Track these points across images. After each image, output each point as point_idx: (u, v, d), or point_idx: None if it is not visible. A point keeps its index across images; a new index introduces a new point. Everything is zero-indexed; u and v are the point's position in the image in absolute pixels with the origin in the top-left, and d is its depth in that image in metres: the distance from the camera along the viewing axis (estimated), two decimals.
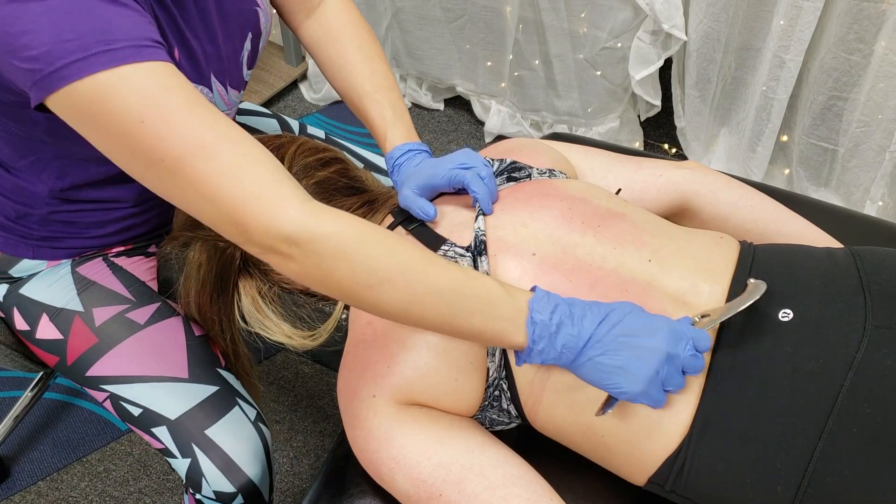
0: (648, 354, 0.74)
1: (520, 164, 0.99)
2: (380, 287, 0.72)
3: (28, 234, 1.03)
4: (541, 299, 0.75)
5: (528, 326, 0.74)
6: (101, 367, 1.01)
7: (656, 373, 0.74)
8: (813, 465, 0.74)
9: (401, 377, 0.84)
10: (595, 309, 0.76)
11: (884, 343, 0.76)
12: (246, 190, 0.71)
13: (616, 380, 0.74)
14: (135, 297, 1.05)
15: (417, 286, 0.73)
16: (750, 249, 0.89)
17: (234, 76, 0.96)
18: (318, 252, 0.71)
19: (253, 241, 0.72)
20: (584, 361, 0.75)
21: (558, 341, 0.74)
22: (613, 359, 0.74)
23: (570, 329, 0.74)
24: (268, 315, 0.97)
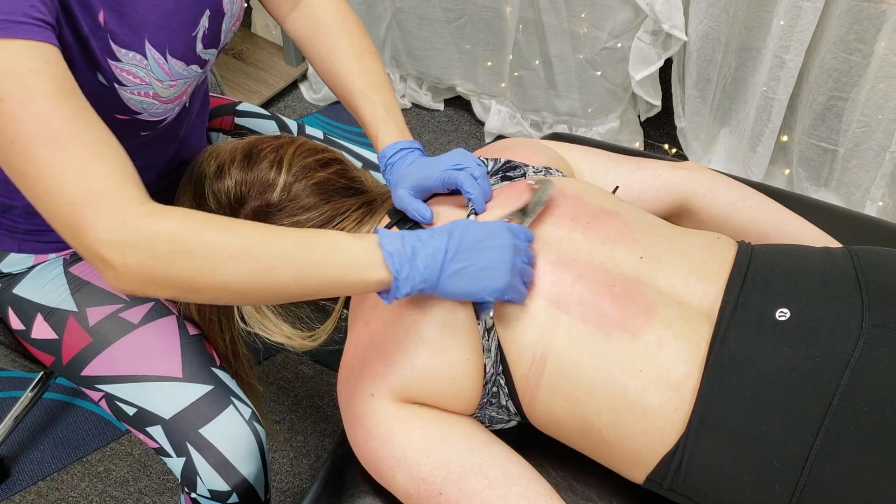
0: (501, 252, 0.80)
1: (515, 163, 0.99)
2: (223, 267, 0.71)
3: (13, 228, 1.03)
4: (386, 234, 0.78)
5: (387, 258, 0.76)
6: (95, 367, 1.01)
7: (512, 265, 0.80)
8: (810, 463, 0.74)
9: (399, 376, 0.84)
10: (436, 231, 0.80)
11: (881, 342, 0.76)
12: (89, 188, 0.69)
13: (483, 283, 0.78)
14: (128, 297, 1.05)
15: (261, 254, 0.72)
16: (747, 250, 0.89)
17: (178, 47, 0.92)
18: (153, 251, 0.69)
19: (85, 246, 0.70)
20: (448, 275, 0.78)
21: (419, 262, 0.76)
22: (474, 263, 0.78)
23: (425, 249, 0.77)
24: (267, 315, 0.97)
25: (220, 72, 2.25)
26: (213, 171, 0.97)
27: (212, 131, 1.26)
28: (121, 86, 0.87)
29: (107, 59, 0.84)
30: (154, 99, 0.91)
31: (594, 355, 0.82)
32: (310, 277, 0.74)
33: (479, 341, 0.85)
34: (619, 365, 0.81)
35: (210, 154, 1.00)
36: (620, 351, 0.81)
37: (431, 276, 0.77)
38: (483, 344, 0.85)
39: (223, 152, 0.99)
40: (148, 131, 0.96)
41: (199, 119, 1.16)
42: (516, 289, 0.81)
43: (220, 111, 1.27)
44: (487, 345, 0.84)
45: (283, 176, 0.95)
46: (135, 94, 0.88)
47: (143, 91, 0.89)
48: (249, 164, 0.96)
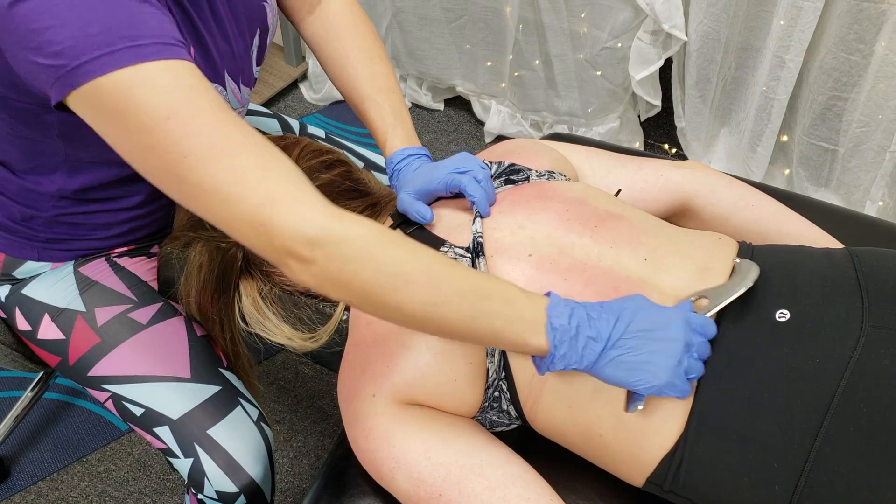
0: (668, 346, 0.75)
1: (518, 167, 0.99)
2: (404, 288, 0.71)
3: (33, 237, 1.03)
4: (557, 304, 0.75)
5: (549, 332, 0.74)
6: (102, 367, 1.01)
7: (678, 363, 0.75)
8: (810, 464, 0.74)
9: (401, 377, 0.84)
10: (607, 309, 0.76)
11: (881, 343, 0.76)
12: (270, 191, 0.69)
13: (641, 376, 0.75)
14: (137, 297, 1.05)
15: (442, 286, 0.72)
16: (748, 250, 0.89)
17: (246, 73, 0.95)
18: (342, 255, 0.69)
19: (274, 244, 0.70)
20: (606, 363, 0.75)
21: (579, 344, 0.74)
22: (636, 356, 0.75)
23: (589, 331, 0.74)
24: (268, 316, 0.97)
25: None
26: None
27: None
28: None
29: None
30: None
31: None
32: (477, 324, 0.73)
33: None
34: None
35: None
36: None
37: (588, 360, 0.75)
38: (486, 349, 0.84)
39: None
40: None
41: None
42: (677, 387, 0.76)
43: None
44: (491, 350, 0.84)
45: None
46: None
47: None
48: None
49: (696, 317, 0.78)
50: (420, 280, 0.71)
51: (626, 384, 0.75)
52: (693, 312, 0.79)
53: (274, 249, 0.70)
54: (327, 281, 0.71)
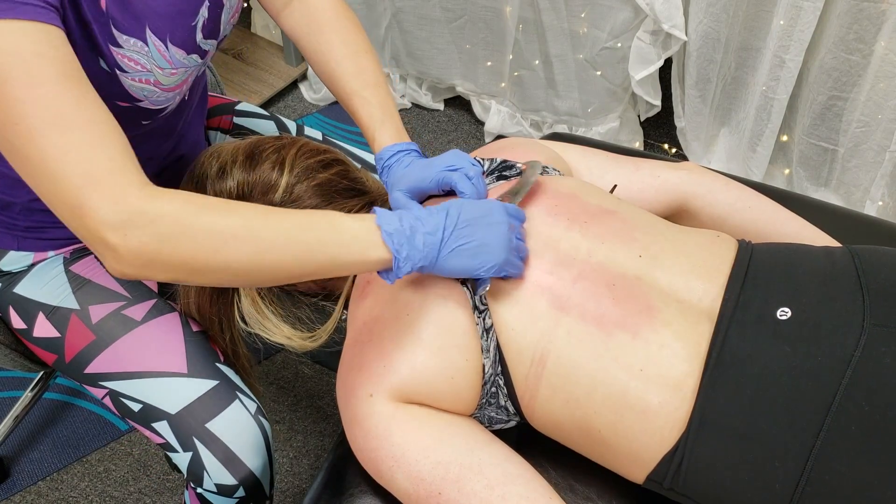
0: (497, 228, 0.82)
1: (510, 163, 0.99)
2: (225, 247, 0.71)
3: (12, 225, 1.03)
4: (384, 214, 0.79)
5: (386, 239, 0.77)
6: (99, 364, 1.01)
7: (509, 241, 0.82)
8: (811, 463, 0.74)
9: (398, 376, 0.84)
10: (431, 210, 0.81)
11: (882, 342, 0.76)
12: (92, 170, 0.69)
13: (481, 258, 0.80)
14: (130, 294, 1.05)
15: (262, 233, 0.73)
16: (748, 248, 0.89)
17: (178, 35, 0.92)
18: (157, 232, 0.69)
19: (89, 229, 0.69)
20: (447, 253, 0.79)
21: (418, 241, 0.78)
22: (472, 242, 0.80)
23: (423, 228, 0.79)
24: (267, 316, 0.97)
25: (220, 72, 2.25)
26: (215, 172, 0.97)
27: (210, 130, 1.26)
28: (122, 72, 0.87)
29: (108, 45, 0.84)
30: (155, 86, 0.91)
31: (595, 355, 0.82)
32: (311, 256, 0.75)
33: (479, 341, 0.85)
34: (619, 364, 0.81)
35: (211, 154, 1.00)
36: (621, 350, 0.81)
37: (431, 254, 0.79)
38: (482, 344, 0.85)
39: (225, 153, 0.99)
40: (148, 121, 0.96)
41: (198, 115, 1.16)
42: (513, 263, 0.83)
43: (219, 110, 1.27)
44: (486, 345, 0.84)
45: (285, 177, 0.95)
46: (136, 81, 0.89)
47: (144, 78, 0.89)
48: (252, 165, 0.96)
49: (509, 206, 0.86)
50: (240, 234, 0.72)
51: (470, 271, 0.81)
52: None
53: (90, 236, 0.70)
54: (147, 263, 0.70)
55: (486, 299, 0.85)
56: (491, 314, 0.85)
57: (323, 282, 1.00)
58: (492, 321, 0.85)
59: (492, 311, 0.85)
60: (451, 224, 0.80)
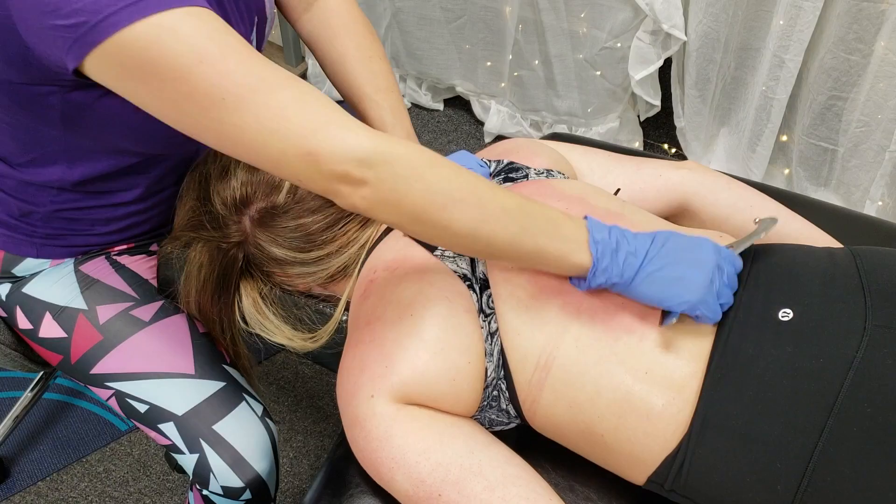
0: (702, 265, 0.79)
1: (517, 165, 0.99)
2: (452, 206, 0.72)
3: (32, 233, 1.03)
4: (596, 223, 0.79)
5: (591, 245, 0.77)
6: (106, 365, 1.01)
7: (711, 281, 0.78)
8: (813, 464, 0.74)
9: (399, 377, 0.84)
10: (641, 233, 0.81)
11: (884, 343, 0.76)
12: (315, 118, 0.70)
13: (676, 290, 0.78)
14: (138, 295, 1.05)
15: (489, 205, 0.74)
16: (750, 249, 0.89)
17: None
18: (394, 173, 0.70)
19: (323, 171, 0.70)
20: (643, 277, 0.78)
21: (619, 257, 0.77)
22: (672, 271, 0.78)
23: (628, 246, 0.78)
24: (268, 317, 0.97)
25: None
26: (218, 172, 0.97)
27: None
28: None
29: None
30: None
31: (601, 359, 0.82)
32: (523, 240, 0.76)
33: (482, 344, 0.85)
34: (625, 367, 0.81)
35: (214, 154, 1.00)
36: (628, 353, 0.81)
37: (627, 273, 0.78)
38: (486, 348, 0.85)
39: None
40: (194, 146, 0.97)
41: None
42: (710, 306, 0.79)
43: None
44: (490, 349, 0.84)
45: None
46: None
47: None
48: None
49: (724, 248, 0.82)
50: (468, 198, 0.73)
51: (661, 300, 0.79)
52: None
53: (323, 177, 0.71)
54: (379, 202, 0.72)
55: (493, 303, 0.85)
56: (497, 318, 0.85)
57: (325, 286, 1.00)
58: (497, 325, 0.85)
59: (498, 315, 0.85)
60: (656, 250, 0.79)
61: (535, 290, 0.85)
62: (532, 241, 0.76)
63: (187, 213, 1.00)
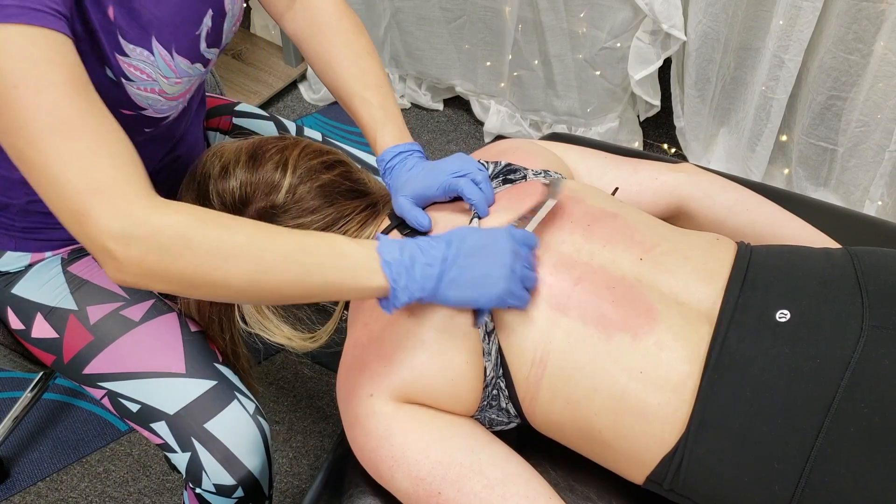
0: (499, 258, 0.80)
1: (515, 166, 0.99)
2: (225, 264, 0.71)
3: (10, 226, 1.03)
4: (385, 242, 0.79)
5: (384, 268, 0.77)
6: (97, 365, 1.02)
7: (511, 271, 0.80)
8: (810, 464, 0.74)
9: (398, 377, 0.84)
10: (435, 239, 0.81)
11: (881, 343, 0.76)
12: (97, 179, 0.70)
13: (481, 290, 0.79)
14: (128, 295, 1.05)
15: (264, 254, 0.73)
16: (746, 250, 0.89)
17: (183, 45, 0.93)
18: (159, 244, 0.70)
19: (91, 237, 0.70)
20: (446, 284, 0.79)
21: (416, 272, 0.77)
22: (472, 272, 0.79)
23: (423, 259, 0.78)
24: (268, 317, 0.97)
25: (220, 72, 2.25)
26: (218, 172, 0.97)
27: (209, 130, 1.27)
28: (128, 81, 0.87)
29: (115, 54, 0.85)
30: (160, 95, 0.91)
31: (595, 357, 0.82)
32: (310, 280, 0.75)
33: (480, 344, 0.85)
34: (619, 366, 0.81)
35: (214, 154, 1.00)
36: (621, 352, 0.81)
37: (429, 285, 0.78)
38: (483, 347, 0.85)
39: (227, 152, 0.99)
40: (151, 128, 0.96)
41: (197, 118, 1.16)
42: (516, 294, 0.81)
43: (219, 111, 1.27)
44: (488, 348, 0.84)
45: (288, 178, 0.95)
46: (141, 90, 0.89)
47: (150, 87, 0.89)
48: (254, 166, 0.96)
49: (518, 231, 0.84)
50: (241, 253, 0.72)
51: (471, 302, 0.80)
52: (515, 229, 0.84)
53: (92, 243, 0.71)
54: (147, 274, 0.71)
55: (490, 325, 0.85)
56: (493, 316, 0.85)
57: None
58: (493, 325, 0.85)
59: (494, 314, 0.85)
60: (452, 254, 0.79)
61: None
62: (321, 278, 0.75)
63: None
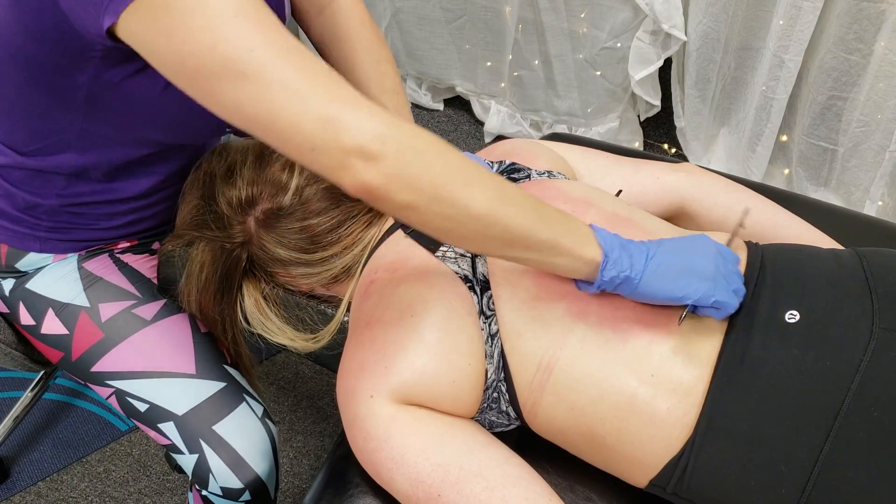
0: (704, 252, 0.80)
1: (518, 166, 0.99)
2: (473, 185, 0.71)
3: (36, 226, 1.03)
4: (598, 227, 0.79)
5: (600, 238, 0.77)
6: (107, 363, 1.01)
7: (716, 266, 0.79)
8: (818, 468, 0.74)
9: (398, 378, 0.84)
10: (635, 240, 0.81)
11: (891, 346, 0.76)
12: (337, 91, 0.69)
13: (686, 279, 0.78)
14: (141, 294, 1.05)
15: (506, 190, 0.74)
16: (757, 251, 0.89)
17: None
18: (413, 147, 0.69)
19: (341, 140, 0.68)
20: (652, 269, 0.78)
21: (626, 252, 0.78)
22: (678, 261, 0.78)
23: (634, 246, 0.79)
24: (270, 317, 0.97)
25: None
26: (224, 172, 0.97)
27: None
28: None
29: None
30: None
31: (606, 363, 0.81)
32: (538, 226, 0.75)
33: (482, 346, 0.84)
34: (630, 370, 0.81)
35: (219, 153, 1.00)
36: (635, 356, 0.81)
37: (637, 266, 0.77)
38: (486, 349, 0.84)
39: (233, 152, 0.99)
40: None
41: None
42: (723, 291, 0.78)
43: None
44: (490, 350, 0.84)
45: (295, 179, 0.95)
46: None
47: None
48: (261, 166, 0.96)
49: (718, 243, 0.83)
50: (486, 180, 0.73)
51: (672, 291, 0.78)
52: None
53: (339, 147, 0.68)
54: (396, 178, 0.69)
55: (493, 305, 0.85)
56: (497, 320, 0.85)
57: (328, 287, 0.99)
58: (497, 327, 0.84)
59: (499, 317, 0.85)
60: (655, 248, 0.79)
61: (538, 292, 0.85)
62: (549, 229, 0.75)
63: (190, 212, 1.00)
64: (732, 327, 0.81)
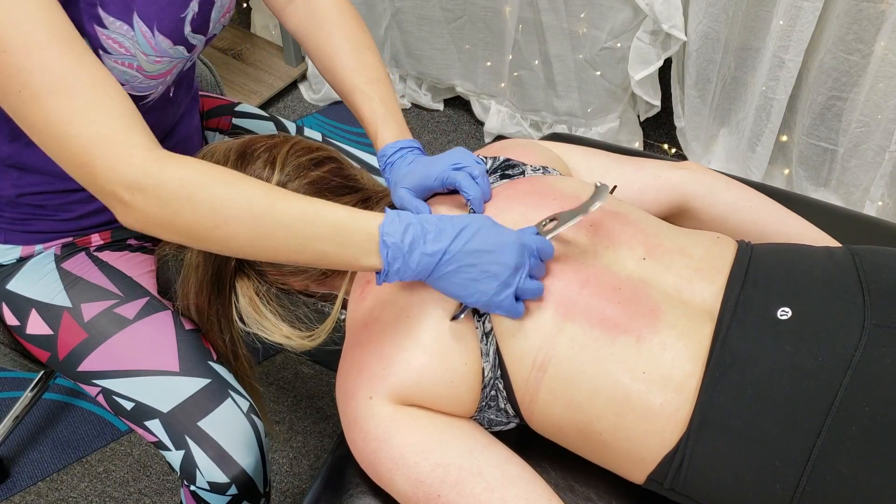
0: (499, 268, 0.79)
1: (513, 162, 0.99)
2: (226, 226, 0.74)
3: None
4: (391, 222, 0.78)
5: (382, 250, 0.77)
6: (91, 362, 1.02)
7: (505, 285, 0.80)
8: (811, 463, 0.74)
9: (397, 378, 0.84)
10: (449, 224, 0.79)
11: (883, 342, 0.76)
12: (95, 133, 0.72)
13: (469, 290, 0.79)
14: (122, 293, 1.05)
15: (264, 219, 0.75)
16: (747, 249, 0.89)
17: (166, 24, 0.92)
18: (160, 196, 0.72)
19: (98, 185, 0.73)
20: (438, 276, 0.79)
21: (412, 260, 0.77)
22: (466, 275, 0.79)
23: (423, 248, 0.78)
24: (265, 316, 0.97)
25: (220, 72, 2.25)
26: None
27: (209, 131, 1.27)
28: (105, 53, 0.88)
29: (93, 25, 0.85)
30: (137, 72, 0.91)
31: (598, 360, 0.82)
32: (306, 250, 0.77)
33: (478, 345, 0.85)
34: (622, 368, 0.81)
35: (204, 155, 1.00)
36: (625, 354, 0.81)
37: (422, 274, 0.79)
38: (481, 348, 0.85)
39: (217, 152, 0.99)
40: None
41: (189, 114, 1.16)
42: (504, 307, 0.81)
43: (218, 111, 1.27)
44: (485, 349, 0.84)
45: (276, 175, 0.95)
46: (118, 64, 0.89)
47: (128, 62, 0.90)
48: (243, 164, 0.96)
49: (535, 239, 0.82)
50: (241, 216, 0.74)
51: (457, 297, 0.81)
52: (536, 235, 0.83)
53: (99, 191, 0.74)
54: (150, 223, 0.74)
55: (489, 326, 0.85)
56: (490, 318, 0.85)
57: (321, 284, 1.00)
58: (491, 325, 0.85)
59: (492, 316, 0.85)
60: (455, 249, 0.78)
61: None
62: (317, 249, 0.77)
63: None
64: (724, 323, 0.81)
